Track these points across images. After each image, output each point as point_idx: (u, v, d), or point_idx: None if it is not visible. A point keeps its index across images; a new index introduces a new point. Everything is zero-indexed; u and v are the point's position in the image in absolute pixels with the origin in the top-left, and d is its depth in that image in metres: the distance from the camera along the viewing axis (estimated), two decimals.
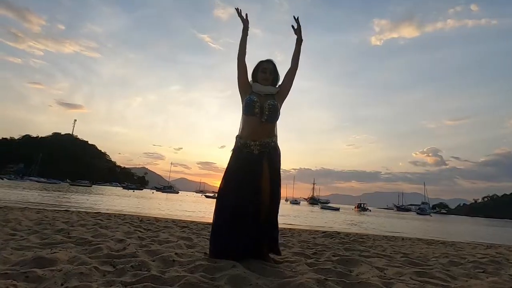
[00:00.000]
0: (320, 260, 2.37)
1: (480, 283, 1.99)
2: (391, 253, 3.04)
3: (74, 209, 7.59)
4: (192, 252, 2.24)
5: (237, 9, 2.26)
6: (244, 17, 2.23)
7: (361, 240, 4.30)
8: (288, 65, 2.29)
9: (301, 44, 2.26)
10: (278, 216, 2.18)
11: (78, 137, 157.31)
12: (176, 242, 2.60)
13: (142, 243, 2.46)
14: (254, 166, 2.05)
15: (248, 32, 2.24)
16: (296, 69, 2.26)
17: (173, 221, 5.35)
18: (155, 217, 6.14)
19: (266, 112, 2.07)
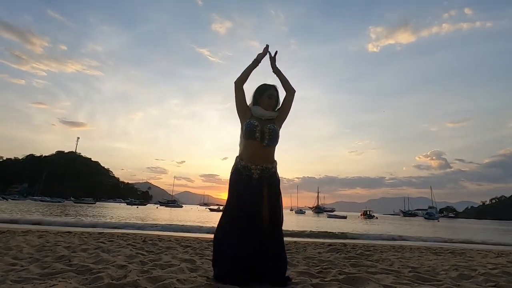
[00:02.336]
0: (326, 279, 2.30)
1: None
2: (399, 268, 2.96)
3: (78, 230, 7.55)
4: (194, 277, 2.19)
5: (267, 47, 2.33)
6: (267, 54, 2.30)
7: (367, 253, 4.21)
8: (287, 77, 2.31)
9: (280, 73, 2.29)
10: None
11: (82, 154, 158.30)
12: (179, 265, 2.55)
13: (144, 268, 2.41)
14: (253, 190, 2.04)
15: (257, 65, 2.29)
16: (293, 93, 2.26)
17: (176, 239, 5.28)
18: (158, 236, 6.07)
19: (267, 137, 2.08)
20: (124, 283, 1.93)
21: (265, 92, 2.20)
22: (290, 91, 2.26)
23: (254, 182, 2.04)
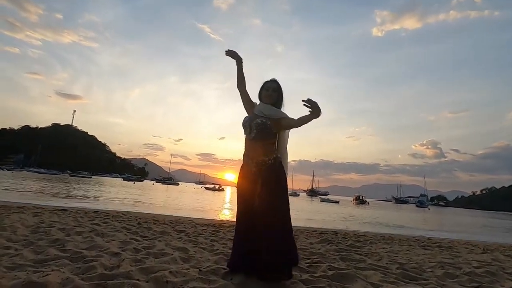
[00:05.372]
0: (315, 275, 2.36)
1: None
2: (387, 263, 3.03)
3: (74, 207, 7.62)
4: (187, 268, 2.22)
5: (226, 52, 2.36)
6: (234, 55, 2.34)
7: (358, 244, 4.30)
8: (287, 58, 2.35)
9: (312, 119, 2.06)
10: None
11: (78, 128, 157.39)
12: (172, 255, 2.58)
13: (137, 257, 2.44)
14: (249, 183, 2.15)
15: (242, 62, 2.34)
16: (296, 128, 2.19)
17: (171, 222, 5.36)
18: (153, 217, 6.15)
19: (254, 130, 2.14)
20: (117, 274, 1.96)
21: (264, 86, 2.29)
22: (296, 126, 2.15)
23: (251, 176, 2.14)
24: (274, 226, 2.07)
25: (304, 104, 1.87)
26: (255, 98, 2.33)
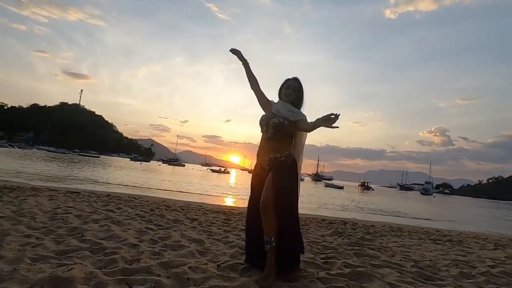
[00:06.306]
0: (331, 272, 2.36)
1: None
2: (401, 260, 3.02)
3: (86, 189, 7.77)
4: (205, 263, 2.24)
5: (231, 50, 2.37)
6: (240, 56, 2.35)
7: (368, 237, 4.30)
8: (296, 39, 2.33)
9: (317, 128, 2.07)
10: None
11: (85, 107, 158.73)
12: (188, 247, 2.61)
13: (155, 249, 2.47)
14: (261, 179, 2.15)
15: (249, 64, 2.36)
16: (308, 132, 2.26)
17: (182, 208, 5.42)
18: (164, 203, 6.24)
19: (271, 130, 2.15)
20: (138, 268, 1.98)
21: (284, 84, 2.29)
22: (308, 131, 2.21)
23: (264, 173, 2.15)
24: (280, 219, 2.05)
25: (332, 113, 1.86)
26: (261, 82, 2.39)
